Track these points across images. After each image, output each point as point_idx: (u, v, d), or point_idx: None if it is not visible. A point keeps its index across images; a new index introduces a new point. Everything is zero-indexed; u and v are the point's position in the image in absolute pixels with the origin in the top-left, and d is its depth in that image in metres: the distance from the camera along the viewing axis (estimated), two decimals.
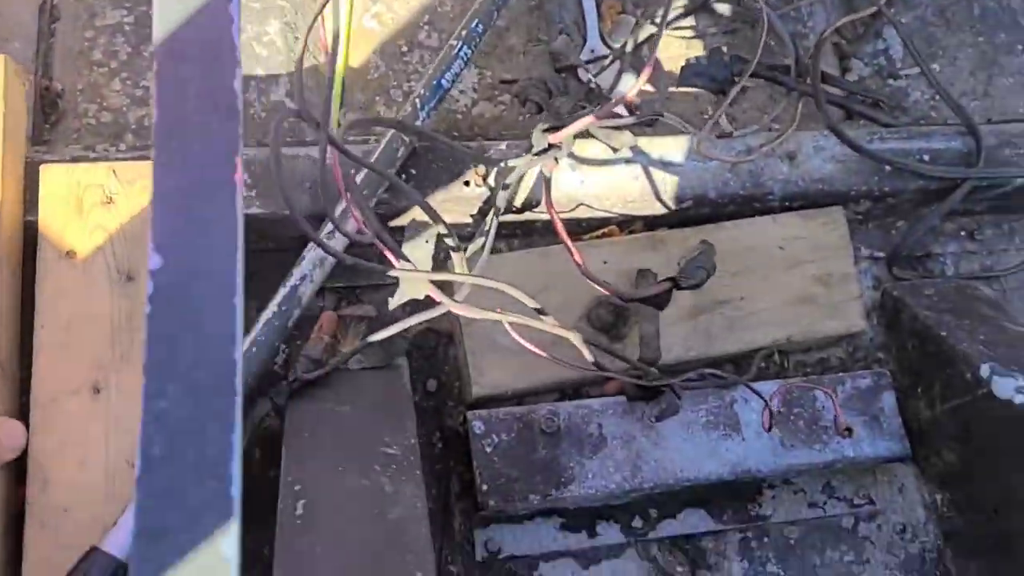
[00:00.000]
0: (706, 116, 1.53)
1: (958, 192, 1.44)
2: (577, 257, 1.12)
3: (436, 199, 1.35)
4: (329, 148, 0.99)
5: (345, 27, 1.58)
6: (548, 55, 1.53)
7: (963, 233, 1.58)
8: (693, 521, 1.37)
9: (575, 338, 1.09)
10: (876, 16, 1.62)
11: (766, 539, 1.38)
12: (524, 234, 1.45)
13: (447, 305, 1.07)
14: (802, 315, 1.41)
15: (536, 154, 1.25)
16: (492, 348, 1.31)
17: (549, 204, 1.20)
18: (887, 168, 1.44)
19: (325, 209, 0.98)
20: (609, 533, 1.34)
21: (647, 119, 1.30)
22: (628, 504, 1.34)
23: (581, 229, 1.44)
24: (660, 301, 1.18)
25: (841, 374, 1.39)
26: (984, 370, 1.26)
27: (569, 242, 1.14)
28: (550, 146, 1.25)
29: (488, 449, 1.26)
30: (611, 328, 1.35)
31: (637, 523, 1.35)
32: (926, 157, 1.46)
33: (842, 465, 1.34)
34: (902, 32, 1.61)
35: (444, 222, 1.07)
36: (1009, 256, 1.58)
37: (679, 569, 1.37)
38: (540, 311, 1.08)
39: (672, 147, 1.41)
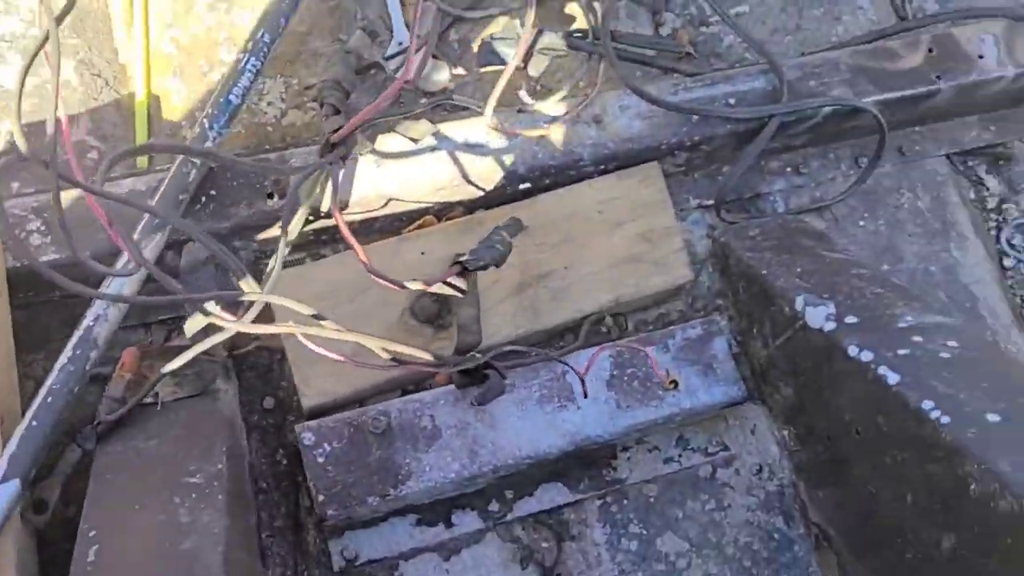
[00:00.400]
0: (519, 91, 1.52)
1: (766, 130, 1.44)
2: (362, 256, 1.11)
3: (241, 216, 1.34)
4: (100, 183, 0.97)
5: (143, 56, 1.57)
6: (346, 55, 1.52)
7: (789, 169, 1.59)
8: (551, 495, 1.37)
9: (365, 340, 1.09)
10: None
11: (625, 501, 1.39)
12: None
13: (231, 327, 1.06)
14: (628, 275, 1.41)
15: (321, 156, 1.23)
16: (317, 358, 1.29)
17: (333, 205, 1.19)
18: (694, 117, 1.45)
19: (72, 251, 0.96)
20: (466, 521, 1.34)
21: (436, 104, 1.29)
22: (483, 490, 1.34)
23: (402, 223, 1.43)
24: (456, 287, 1.17)
25: (672, 327, 1.39)
26: (799, 302, 1.27)
27: (353, 240, 1.13)
28: (333, 146, 1.23)
29: (320, 459, 1.24)
30: (436, 318, 1.34)
31: (494, 507, 1.35)
32: (731, 100, 1.46)
33: (682, 417, 1.34)
34: None
35: (213, 242, 1.05)
36: (836, 184, 1.59)
37: (544, 545, 1.37)
38: (318, 316, 1.07)
39: (474, 128, 1.40)
